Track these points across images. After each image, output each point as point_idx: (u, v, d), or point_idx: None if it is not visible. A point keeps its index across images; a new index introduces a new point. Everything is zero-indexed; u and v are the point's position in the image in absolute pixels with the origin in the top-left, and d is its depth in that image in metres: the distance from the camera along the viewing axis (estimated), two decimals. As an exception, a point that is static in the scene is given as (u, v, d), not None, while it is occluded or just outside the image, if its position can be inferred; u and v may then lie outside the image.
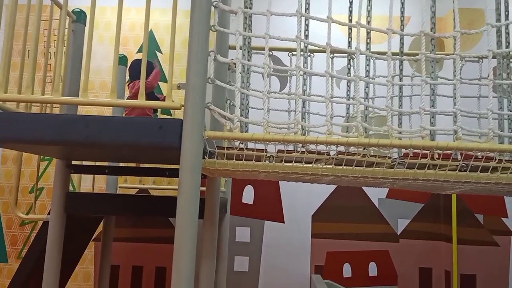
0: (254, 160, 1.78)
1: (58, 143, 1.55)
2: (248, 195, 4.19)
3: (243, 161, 1.75)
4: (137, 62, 2.17)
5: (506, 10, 1.75)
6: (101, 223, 3.37)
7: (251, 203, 4.19)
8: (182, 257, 1.60)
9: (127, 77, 3.05)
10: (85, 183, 3.56)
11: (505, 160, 1.69)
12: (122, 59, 3.48)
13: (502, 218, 3.99)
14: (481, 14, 4.03)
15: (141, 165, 3.14)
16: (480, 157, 1.67)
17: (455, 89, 2.23)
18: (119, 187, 3.53)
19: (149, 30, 4.33)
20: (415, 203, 4.16)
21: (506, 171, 1.70)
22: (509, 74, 2.28)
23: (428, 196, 4.13)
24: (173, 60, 1.75)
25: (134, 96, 2.25)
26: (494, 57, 1.74)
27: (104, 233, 3.48)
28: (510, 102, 2.13)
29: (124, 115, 2.65)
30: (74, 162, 2.48)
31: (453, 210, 3.96)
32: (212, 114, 1.75)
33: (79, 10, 2.44)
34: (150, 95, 2.41)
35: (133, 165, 3.18)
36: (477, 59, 2.44)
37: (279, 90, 3.92)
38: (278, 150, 1.80)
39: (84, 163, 2.82)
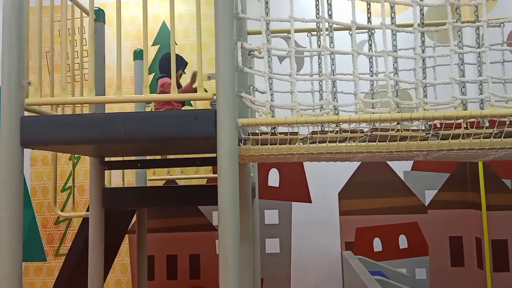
0: (288, 144, 1.81)
1: (99, 141, 1.60)
2: (274, 178, 4.23)
3: (278, 145, 1.78)
4: (166, 57, 2.19)
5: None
6: (135, 215, 3.46)
7: (277, 186, 4.24)
8: (227, 242, 1.65)
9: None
10: (114, 179, 3.63)
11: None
12: (139, 54, 3.51)
13: (530, 181, 3.97)
14: (496, -24, 3.94)
15: (168, 156, 3.20)
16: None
17: (479, 56, 2.21)
18: (148, 180, 3.61)
19: (162, 21, 4.36)
20: (442, 173, 4.15)
21: (542, 134, 1.69)
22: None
23: (454, 166, 4.12)
24: (201, 51, 1.77)
25: (161, 93, 2.27)
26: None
27: (139, 225, 3.56)
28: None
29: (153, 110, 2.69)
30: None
31: (481, 177, 3.94)
32: (243, 101, 1.78)
33: (97, 8, 2.46)
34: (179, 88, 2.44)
35: (159, 157, 3.23)
36: (498, 24, 2.40)
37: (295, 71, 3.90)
38: (312, 131, 1.82)
39: (114, 159, 2.89)
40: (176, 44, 4.13)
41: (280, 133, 1.82)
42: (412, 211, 4.16)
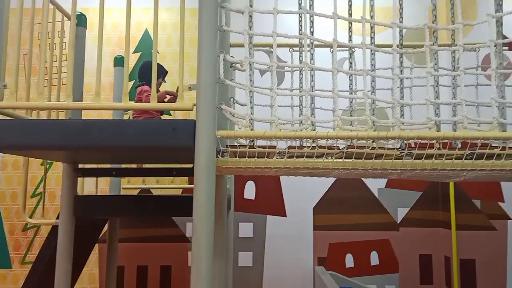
0: (266, 157, 1.81)
1: (74, 148, 1.57)
2: (250, 191, 4.22)
3: (256, 158, 1.79)
4: (146, 65, 2.18)
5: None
6: (106, 224, 3.38)
7: (253, 199, 4.23)
8: (201, 254, 1.63)
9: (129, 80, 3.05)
10: (87, 186, 3.56)
11: (509, 147, 1.75)
12: (120, 60, 3.48)
13: (498, 202, 4.08)
14: (473, 1, 4.09)
15: (144, 165, 3.16)
16: (483, 145, 1.73)
17: (454, 79, 2.28)
18: (123, 188, 3.55)
19: (145, 29, 4.34)
20: (414, 191, 4.23)
21: (509, 158, 1.75)
22: (502, 63, 2.34)
23: (426, 184, 4.21)
24: (183, 61, 1.77)
25: (139, 100, 2.25)
26: (495, 45, 1.79)
27: (110, 235, 3.49)
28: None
29: (130, 118, 2.66)
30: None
31: (451, 197, 4.04)
32: (223, 113, 1.78)
33: (79, 13, 2.44)
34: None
35: (134, 166, 3.19)
36: (474, 49, 2.50)
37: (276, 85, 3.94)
38: (289, 146, 1.84)
39: (88, 166, 2.83)
40: (158, 53, 4.12)
41: (259, 147, 1.82)
42: (384, 228, 4.22)
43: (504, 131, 1.99)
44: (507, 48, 2.14)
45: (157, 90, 2.11)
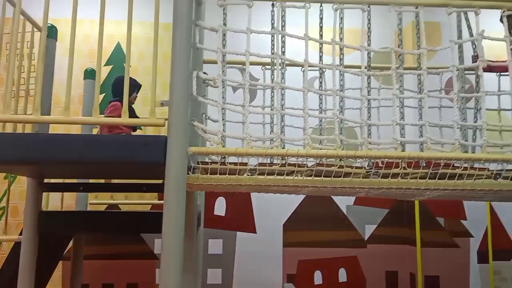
0: (237, 174, 1.83)
1: (42, 163, 1.54)
2: (220, 207, 4.21)
3: (227, 175, 1.80)
4: (120, 80, 2.16)
5: (469, 28, 1.89)
6: (71, 241, 3.29)
7: (223, 215, 4.21)
8: (169, 271, 1.61)
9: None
10: (52, 201, 3.45)
11: (470, 167, 1.83)
12: (91, 73, 3.44)
13: (461, 220, 4.22)
14: (437, 27, 4.29)
15: (113, 180, 3.10)
16: (446, 165, 1.80)
17: (419, 101, 2.37)
18: (90, 204, 3.46)
19: (117, 42, 4.31)
20: (381, 208, 4.32)
21: (471, 177, 1.83)
22: (464, 87, 2.46)
23: (392, 202, 4.31)
24: (155, 76, 1.77)
25: (109, 115, 2.22)
26: (457, 70, 1.88)
27: (75, 251, 3.38)
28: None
29: (98, 133, 2.62)
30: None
31: (416, 214, 4.15)
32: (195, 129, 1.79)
33: (50, 25, 2.40)
34: (130, 113, 2.38)
35: (102, 181, 3.13)
36: (438, 72, 2.61)
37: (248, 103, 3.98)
38: (260, 163, 1.86)
39: (54, 180, 2.76)
40: (130, 66, 4.09)
41: (230, 163, 1.84)
42: (352, 245, 4.27)
43: (466, 152, 2.09)
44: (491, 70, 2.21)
45: (130, 105, 2.09)
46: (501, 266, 4.21)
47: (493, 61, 2.60)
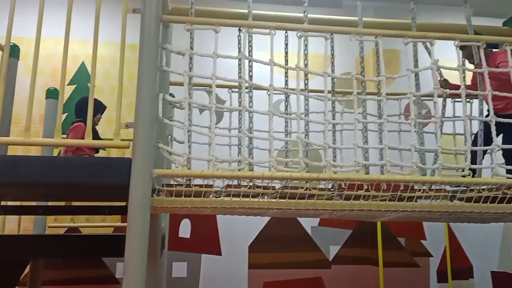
0: (202, 196, 1.83)
1: (2, 185, 1.49)
2: (185, 229, 4.15)
3: (192, 198, 1.79)
4: (84, 101, 2.12)
5: (430, 55, 1.99)
6: (28, 266, 3.14)
7: (188, 237, 4.16)
8: (132, 297, 1.58)
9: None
10: (9, 224, 3.31)
11: (428, 189, 1.91)
12: (53, 92, 3.36)
13: (421, 240, 4.35)
14: (397, 54, 4.49)
15: (73, 202, 3.02)
16: (406, 187, 1.88)
17: (381, 127, 2.46)
18: (48, 227, 3.33)
19: (82, 61, 4.25)
20: (344, 229, 4.39)
21: (428, 199, 1.91)
22: (420, 112, 2.58)
23: (355, 223, 4.39)
24: (121, 98, 1.77)
25: (73, 137, 2.17)
26: (414, 96, 1.98)
27: (32, 277, 3.23)
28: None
29: (61, 155, 2.54)
30: None
31: (378, 235, 4.24)
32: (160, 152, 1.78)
33: (12, 44, 2.35)
34: (94, 134, 2.35)
35: (62, 203, 3.03)
36: (397, 98, 2.71)
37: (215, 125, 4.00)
38: (227, 185, 1.87)
39: (11, 203, 2.65)
40: (94, 86, 4.03)
41: (195, 185, 1.83)
42: (317, 265, 4.30)
43: (424, 175, 2.18)
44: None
45: (94, 127, 2.06)
46: (460, 285, 4.34)
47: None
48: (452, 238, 4.34)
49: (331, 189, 2.07)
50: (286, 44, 2.42)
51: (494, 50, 2.71)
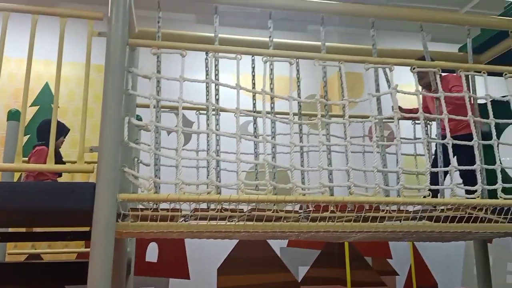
0: (169, 220, 1.81)
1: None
2: (152, 253, 4.06)
3: (158, 222, 1.77)
4: (46, 123, 2.06)
5: (388, 81, 2.06)
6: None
7: (155, 261, 4.07)
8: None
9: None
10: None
11: (391, 210, 1.96)
12: (15, 114, 3.26)
13: (387, 259, 4.42)
14: (360, 77, 4.63)
15: (35, 228, 2.90)
16: (370, 208, 1.92)
17: (346, 149, 2.51)
18: (8, 254, 3.18)
19: (45, 82, 4.16)
20: (313, 250, 4.41)
21: (391, 220, 1.96)
22: (383, 135, 2.66)
23: (324, 243, 4.42)
24: (85, 122, 1.74)
25: (35, 162, 2.09)
26: (375, 119, 2.04)
27: (-13, 309, 3.07)
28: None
29: (22, 179, 2.44)
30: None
31: (346, 254, 4.28)
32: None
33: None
34: (57, 158, 2.28)
35: (23, 229, 2.92)
36: (360, 121, 2.79)
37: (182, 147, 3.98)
38: (194, 208, 1.86)
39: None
40: (59, 107, 3.95)
41: (162, 209, 1.82)
42: (286, 287, 4.28)
43: (387, 196, 2.24)
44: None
45: (57, 150, 2.01)
46: (426, 302, 4.43)
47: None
48: (417, 256, 4.43)
49: (299, 211, 2.09)
50: (253, 68, 2.44)
51: (443, 74, 2.82)
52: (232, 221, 1.88)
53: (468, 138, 2.00)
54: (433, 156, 2.48)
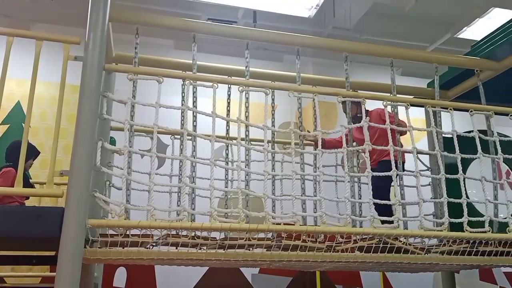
0: (140, 247, 1.78)
1: None
2: (120, 278, 3.95)
3: (128, 248, 1.74)
4: (16, 145, 2.00)
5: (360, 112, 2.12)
6: None
7: (123, 287, 3.95)
8: None
9: None
10: None
11: (360, 239, 1.99)
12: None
13: (357, 287, 4.43)
14: (334, 106, 4.73)
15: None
16: (342, 237, 1.94)
17: (317, 180, 2.54)
18: (-34, 278, 3.05)
19: (17, 101, 4.08)
20: (285, 277, 4.39)
21: (361, 250, 1.98)
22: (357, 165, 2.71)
23: (296, 271, 4.40)
24: (56, 145, 1.71)
25: (2, 184, 2.03)
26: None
27: None
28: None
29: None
30: None
31: (317, 282, 4.27)
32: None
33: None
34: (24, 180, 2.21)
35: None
36: (332, 152, 2.83)
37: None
38: (165, 234, 1.83)
39: None
40: (30, 127, 3.87)
41: (133, 235, 1.78)
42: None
43: (354, 227, 2.26)
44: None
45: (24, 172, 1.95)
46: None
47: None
48: (387, 285, 4.46)
49: (271, 238, 2.09)
50: (229, 95, 2.46)
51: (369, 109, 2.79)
52: (203, 248, 1.86)
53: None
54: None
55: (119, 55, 2.44)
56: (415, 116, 2.27)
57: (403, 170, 2.49)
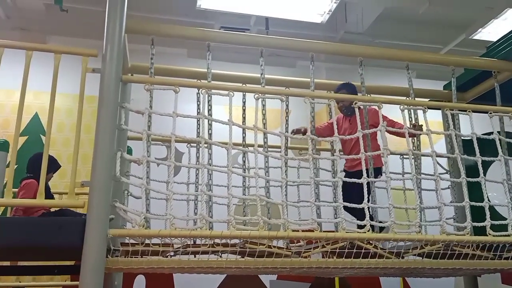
0: (160, 255, 1.79)
1: None
2: (139, 286, 3.97)
3: (149, 257, 1.75)
4: (38, 158, 2.02)
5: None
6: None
7: (143, 295, 3.97)
8: None
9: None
10: None
11: (380, 248, 1.96)
12: (3, 145, 3.23)
13: (378, 292, 4.38)
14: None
15: (20, 262, 2.83)
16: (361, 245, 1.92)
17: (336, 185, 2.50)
18: (-9, 288, 3.09)
19: (35, 112, 4.15)
20: (303, 283, 4.35)
21: (382, 257, 1.95)
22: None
23: (314, 276, 4.37)
24: (76, 158, 1.74)
25: (24, 196, 2.06)
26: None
27: None
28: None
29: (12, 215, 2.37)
30: None
31: (336, 287, 4.23)
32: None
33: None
34: (46, 191, 2.24)
35: (7, 262, 2.84)
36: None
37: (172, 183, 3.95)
38: (186, 244, 1.84)
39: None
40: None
41: (153, 244, 1.80)
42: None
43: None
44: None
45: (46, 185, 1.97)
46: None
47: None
48: (407, 289, 4.40)
49: (290, 245, 2.08)
50: (244, 102, 2.46)
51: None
52: (223, 255, 1.86)
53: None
54: None
55: (134, 65, 2.47)
56: (431, 119, 2.24)
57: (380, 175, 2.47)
